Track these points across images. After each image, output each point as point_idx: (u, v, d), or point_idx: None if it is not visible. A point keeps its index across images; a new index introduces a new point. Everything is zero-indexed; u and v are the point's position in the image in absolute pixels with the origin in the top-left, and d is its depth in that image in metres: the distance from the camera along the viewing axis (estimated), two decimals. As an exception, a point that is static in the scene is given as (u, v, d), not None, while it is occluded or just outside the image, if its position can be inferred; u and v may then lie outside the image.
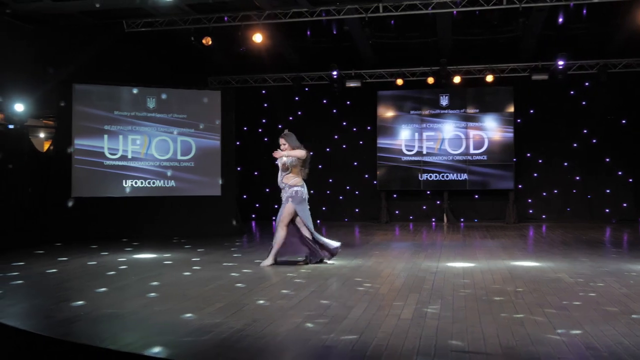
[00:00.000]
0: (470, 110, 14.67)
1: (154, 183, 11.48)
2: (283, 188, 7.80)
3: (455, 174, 14.64)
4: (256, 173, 15.97)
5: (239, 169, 14.25)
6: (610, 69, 13.68)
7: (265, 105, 16.10)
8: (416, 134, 14.87)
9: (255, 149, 15.84)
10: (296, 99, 15.75)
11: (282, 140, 7.76)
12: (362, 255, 8.50)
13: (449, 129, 14.74)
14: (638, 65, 13.67)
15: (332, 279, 6.48)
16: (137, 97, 11.47)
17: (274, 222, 15.09)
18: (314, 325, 4.37)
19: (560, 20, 11.80)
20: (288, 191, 7.75)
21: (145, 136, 11.50)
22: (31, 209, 10.13)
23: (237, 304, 5.15)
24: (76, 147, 10.92)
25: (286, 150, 7.70)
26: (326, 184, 15.47)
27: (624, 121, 14.34)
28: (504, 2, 10.70)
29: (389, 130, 14.98)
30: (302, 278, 6.53)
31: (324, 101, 15.71)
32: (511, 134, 14.41)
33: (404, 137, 14.89)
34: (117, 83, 11.49)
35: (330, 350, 3.80)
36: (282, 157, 7.72)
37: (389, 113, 15.04)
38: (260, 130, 16.12)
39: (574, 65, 13.81)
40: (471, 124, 14.64)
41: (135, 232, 10.90)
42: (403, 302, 5.22)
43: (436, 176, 14.73)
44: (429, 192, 15.17)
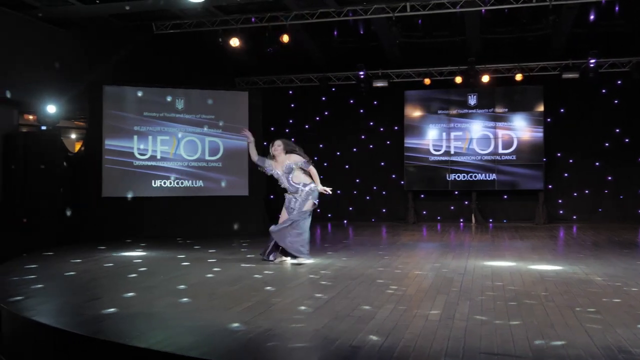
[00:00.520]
0: (499, 110, 14.50)
1: (182, 183, 11.60)
2: (297, 189, 7.93)
3: (483, 174, 14.49)
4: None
5: (266, 169, 14.28)
6: (644, 66, 13.39)
7: (292, 105, 16.14)
8: (444, 133, 14.75)
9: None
10: (323, 99, 15.75)
11: (278, 142, 8.26)
12: (389, 256, 8.46)
13: (477, 128, 14.60)
14: (672, 63, 13.37)
15: (359, 279, 6.47)
16: (165, 98, 11.60)
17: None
18: (341, 326, 4.36)
19: (592, 17, 11.61)
20: (305, 189, 7.92)
21: (174, 137, 11.62)
22: (63, 208, 10.31)
23: (264, 303, 5.17)
24: (106, 148, 11.09)
25: (279, 152, 8.08)
26: (353, 184, 15.44)
27: (657, 120, 14.04)
28: (534, 0, 10.55)
29: (416, 130, 14.89)
30: (328, 278, 6.52)
31: (351, 101, 15.68)
32: (541, 133, 14.21)
33: (431, 137, 14.79)
34: (146, 84, 11.64)
35: (357, 351, 3.78)
36: (284, 165, 7.93)
37: (417, 113, 14.95)
38: (287, 131, 16.13)
39: (606, 64, 13.56)
40: (500, 123, 14.47)
41: (164, 231, 11.01)
42: (431, 303, 5.18)
43: (464, 176, 14.60)
44: (456, 192, 15.04)
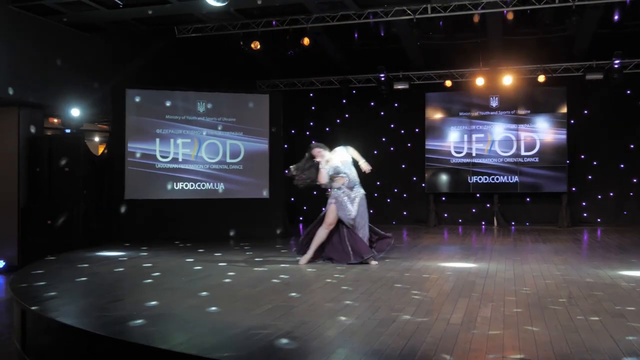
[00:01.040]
0: (521, 112, 14.38)
1: (203, 186, 11.68)
2: (354, 185, 8.30)
3: (505, 176, 14.37)
4: (303, 176, 15.99)
5: (286, 171, 14.33)
6: (669, 67, 13.20)
7: (313, 108, 16.17)
8: (465, 135, 14.66)
9: (302, 152, 15.85)
10: (343, 101, 15.76)
11: (316, 150, 8.51)
12: (410, 259, 8.43)
13: (499, 130, 14.48)
14: (699, 63, 13.15)
15: (380, 282, 6.45)
16: (187, 101, 11.69)
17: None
18: (361, 329, 4.36)
19: (616, 17, 11.46)
20: (362, 190, 8.44)
21: (196, 139, 11.70)
22: (87, 210, 10.44)
23: (285, 305, 5.18)
24: (129, 151, 11.21)
25: (325, 155, 8.33)
26: (374, 186, 15.38)
27: (684, 121, 13.80)
28: (557, 1, 10.45)
29: (437, 132, 14.82)
30: (349, 281, 6.52)
31: (372, 103, 15.66)
32: (564, 135, 14.06)
33: (452, 139, 14.71)
34: (169, 87, 11.75)
35: (379, 353, 3.77)
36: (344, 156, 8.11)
37: (438, 115, 14.88)
38: (307, 133, 16.19)
39: (631, 64, 13.37)
40: (522, 125, 14.34)
41: (185, 233, 11.08)
42: (452, 307, 5.14)
43: (486, 178, 14.49)
44: (478, 195, 14.93)
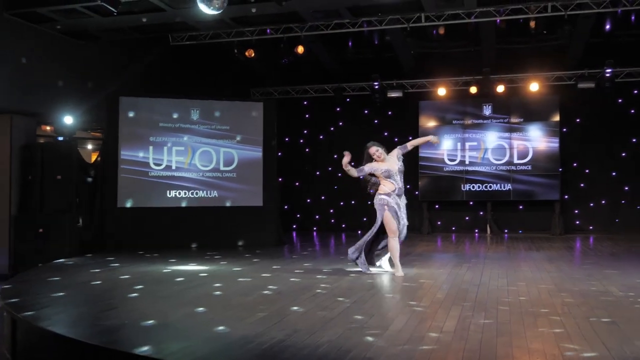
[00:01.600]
0: (514, 120, 14.44)
1: (197, 193, 11.65)
2: (401, 195, 7.84)
3: (498, 184, 14.42)
4: (297, 184, 16.06)
5: (280, 179, 14.35)
6: (660, 76, 13.31)
7: (307, 116, 16.20)
8: (459, 143, 14.71)
9: (296, 160, 15.95)
10: (337, 109, 15.80)
11: (376, 148, 8.09)
12: (404, 267, 8.40)
13: (492, 138, 14.54)
14: (690, 72, 13.26)
15: (373, 290, 6.45)
16: (181, 108, 11.68)
17: (315, 233, 15.11)
18: (355, 337, 4.35)
19: (608, 27, 11.55)
20: (405, 199, 7.89)
21: (189, 147, 11.69)
22: (80, 219, 10.40)
23: (278, 314, 5.17)
24: (122, 158, 11.18)
25: (383, 156, 7.88)
26: (367, 194, 15.34)
27: (675, 130, 13.90)
28: (549, 10, 10.53)
29: (430, 141, 14.83)
30: (343, 289, 6.51)
31: (365, 111, 15.70)
32: (557, 143, 14.13)
33: (446, 147, 14.75)
34: (162, 95, 11.74)
35: (372, 362, 3.77)
36: (393, 163, 7.80)
37: (431, 123, 14.93)
38: (301, 141, 16.22)
39: (622, 73, 13.47)
40: (515, 133, 14.41)
41: (179, 241, 11.05)
42: (446, 314, 5.15)
43: (479, 186, 14.53)
44: (471, 203, 14.96)
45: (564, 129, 14.32)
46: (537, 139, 14.27)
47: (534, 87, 13.89)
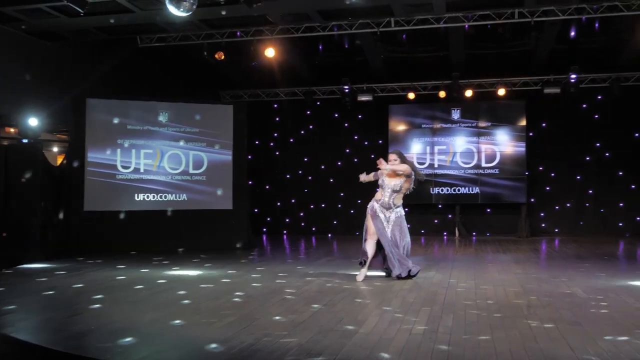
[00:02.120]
0: (482, 124, 14.64)
1: (165, 197, 11.54)
2: (389, 208, 7.59)
3: (467, 188, 14.59)
4: (267, 187, 16.01)
5: (250, 182, 14.30)
6: (623, 82, 13.63)
7: (277, 119, 16.17)
8: (428, 147, 14.85)
9: (266, 163, 15.91)
10: (308, 113, 15.81)
11: (393, 156, 7.57)
12: (373, 269, 8.45)
13: (460, 142, 14.72)
14: (651, 79, 13.63)
15: (343, 293, 6.46)
16: (149, 111, 11.56)
17: (285, 237, 15.10)
18: (324, 341, 4.35)
19: (573, 34, 11.80)
20: (398, 212, 7.62)
21: (158, 150, 11.57)
22: (44, 222, 10.20)
23: (248, 318, 5.15)
24: (89, 161, 11.01)
25: (397, 162, 7.50)
26: (338, 197, 15.47)
27: (636, 135, 14.25)
28: (516, 16, 10.71)
29: (400, 144, 14.96)
30: (313, 292, 6.52)
31: (336, 115, 15.74)
32: (523, 147, 14.36)
33: (415, 151, 14.88)
34: (130, 97, 11.60)
35: (342, 365, 3.78)
36: (392, 179, 7.49)
37: (401, 127, 15.05)
38: (271, 144, 16.19)
39: (586, 79, 13.78)
40: (483, 137, 14.61)
41: (147, 245, 10.91)
42: (415, 317, 5.19)
43: (448, 190, 14.69)
44: (440, 206, 15.11)
45: (531, 133, 14.58)
46: (504, 143, 14.49)
47: (501, 92, 14.11)
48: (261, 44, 11.95)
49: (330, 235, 15.22)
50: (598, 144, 14.49)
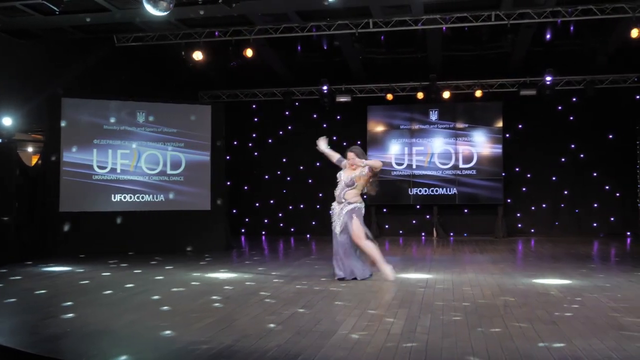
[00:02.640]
0: (460, 125, 14.76)
1: (143, 197, 11.43)
2: (340, 203, 7.52)
3: (444, 189, 14.70)
4: (246, 187, 15.97)
5: (228, 183, 14.24)
6: (597, 84, 13.85)
7: (256, 119, 16.13)
8: (406, 148, 14.93)
9: (245, 164, 15.86)
10: (286, 113, 15.79)
11: (352, 154, 7.48)
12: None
13: (438, 143, 14.82)
14: (624, 81, 13.86)
15: (321, 294, 6.47)
16: (126, 111, 11.45)
17: (263, 237, 15.07)
18: (303, 341, 4.35)
19: (548, 36, 11.95)
20: (348, 207, 7.44)
21: (135, 150, 11.47)
22: (18, 223, 10.04)
23: (226, 319, 5.12)
24: (64, 161, 10.87)
25: (355, 159, 7.41)
26: (316, 198, 15.45)
27: (610, 136, 14.49)
28: (493, 19, 10.83)
29: (379, 145, 15.04)
30: (292, 293, 6.51)
31: (314, 116, 15.75)
32: (500, 149, 14.51)
33: (393, 152, 14.95)
34: (107, 97, 11.47)
35: (320, 365, 3.78)
36: (352, 172, 7.41)
37: (379, 128, 15.11)
38: (250, 145, 16.14)
39: (562, 81, 13.97)
40: (460, 138, 14.73)
41: (124, 246, 10.81)
42: (392, 317, 5.21)
43: (426, 190, 14.77)
44: (418, 207, 15.20)
45: (507, 135, 14.73)
46: (481, 144, 14.63)
47: (478, 93, 14.24)
48: (240, 44, 11.89)
49: (308, 236, 15.22)
50: (573, 145, 14.70)
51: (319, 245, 12.67)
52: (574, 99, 14.61)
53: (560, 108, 14.73)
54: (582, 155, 14.65)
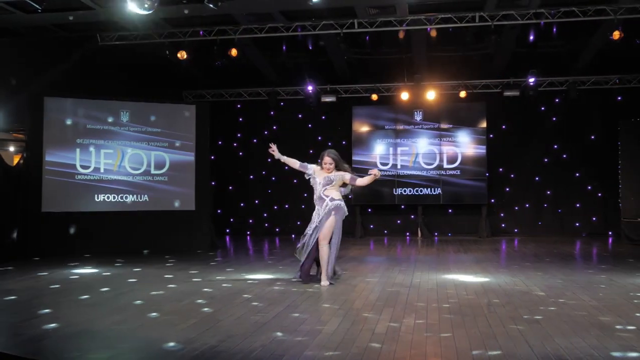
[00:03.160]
0: (444, 126, 14.83)
1: (126, 197, 11.35)
2: (323, 201, 7.28)
3: (429, 189, 14.75)
4: (231, 188, 15.92)
5: (213, 183, 14.18)
6: (580, 85, 13.98)
7: (240, 119, 16.08)
8: (391, 148, 14.97)
9: (230, 164, 15.81)
10: (271, 113, 15.76)
11: (329, 158, 7.31)
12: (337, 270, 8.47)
13: (423, 143, 14.87)
14: (606, 83, 14.01)
15: (306, 294, 6.47)
16: (110, 110, 11.36)
17: (248, 237, 15.03)
18: (288, 341, 4.35)
19: (531, 38, 12.05)
20: (331, 204, 7.22)
21: (119, 150, 11.38)
22: (1, 223, 9.93)
23: (211, 319, 5.10)
24: (47, 160, 10.76)
25: (332, 168, 7.28)
26: (301, 198, 15.43)
27: (592, 137, 14.64)
28: (477, 20, 10.89)
29: (364, 145, 15.06)
30: (276, 293, 6.50)
31: (300, 116, 15.74)
32: (484, 149, 14.60)
33: (378, 152, 14.98)
34: (90, 96, 11.38)
35: (305, 365, 3.78)
36: (328, 173, 7.28)
37: (364, 128, 15.13)
38: (235, 145, 16.09)
39: (545, 82, 14.08)
40: (445, 139, 14.80)
41: (108, 247, 10.73)
42: (377, 316, 5.22)
43: (410, 190, 14.82)
44: (403, 207, 15.25)
45: (491, 135, 14.83)
46: (465, 145, 14.70)
47: (462, 94, 14.32)
48: (224, 43, 11.84)
49: (293, 236, 15.18)
50: (556, 146, 14.83)
51: (303, 246, 12.64)
52: (557, 100, 14.74)
53: (543, 109, 14.86)
54: (564, 156, 14.79)
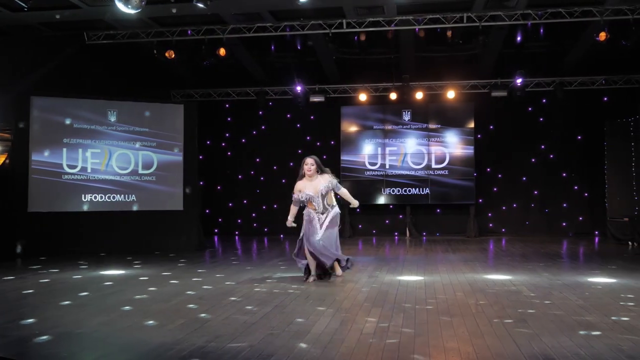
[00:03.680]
0: (432, 126, 14.88)
1: (114, 197, 11.29)
2: (326, 210, 7.49)
3: (417, 189, 14.80)
4: (219, 188, 15.88)
5: (201, 183, 14.14)
6: (566, 86, 14.09)
7: (229, 119, 16.05)
8: (379, 148, 15.00)
9: (218, 163, 15.77)
10: (260, 113, 15.74)
11: (311, 160, 7.39)
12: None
13: (411, 144, 14.92)
14: (592, 83, 14.12)
15: (294, 294, 6.46)
16: (97, 109, 11.30)
17: (237, 237, 15.00)
18: (276, 341, 4.34)
19: (519, 39, 12.12)
20: (332, 212, 7.47)
21: (106, 149, 11.32)
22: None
23: (199, 320, 5.09)
24: (33, 160, 10.68)
25: (312, 172, 7.38)
26: (290, 198, 15.39)
27: (579, 137, 14.75)
28: (465, 21, 10.94)
29: (352, 145, 15.08)
30: (264, 294, 6.49)
31: (288, 116, 15.73)
32: (472, 149, 14.66)
33: (367, 152, 15.01)
34: (77, 95, 11.31)
35: (293, 365, 3.77)
36: (317, 182, 7.38)
37: (353, 128, 15.15)
38: (223, 145, 16.05)
39: (532, 83, 14.17)
40: (433, 139, 14.85)
41: (95, 247, 10.68)
42: (366, 316, 5.23)
43: (399, 190, 14.86)
44: (391, 207, 15.29)
45: (479, 135, 14.90)
46: (453, 145, 14.77)
47: (450, 94, 14.38)
48: (213, 43, 11.81)
49: (282, 236, 15.18)
50: (543, 146, 14.94)
51: (292, 246, 12.62)
52: (544, 100, 14.85)
53: (530, 109, 14.96)
54: (551, 156, 14.89)
